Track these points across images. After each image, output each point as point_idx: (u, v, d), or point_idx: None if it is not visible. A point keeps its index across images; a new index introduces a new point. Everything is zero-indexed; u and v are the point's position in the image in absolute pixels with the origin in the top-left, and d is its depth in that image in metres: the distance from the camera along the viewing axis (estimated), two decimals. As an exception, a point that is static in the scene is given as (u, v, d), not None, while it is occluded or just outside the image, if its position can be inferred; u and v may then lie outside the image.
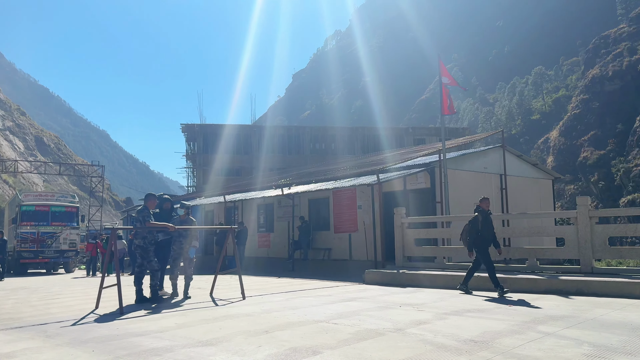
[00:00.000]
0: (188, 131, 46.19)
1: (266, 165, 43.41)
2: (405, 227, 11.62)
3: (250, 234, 19.33)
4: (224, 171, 44.31)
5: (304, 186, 16.82)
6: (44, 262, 22.19)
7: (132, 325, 5.91)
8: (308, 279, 12.36)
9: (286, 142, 46.69)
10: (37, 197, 24.00)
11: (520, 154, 18.03)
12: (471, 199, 13.67)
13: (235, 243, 9.78)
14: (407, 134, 48.29)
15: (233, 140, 45.40)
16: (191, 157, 46.87)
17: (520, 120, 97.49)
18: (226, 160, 44.19)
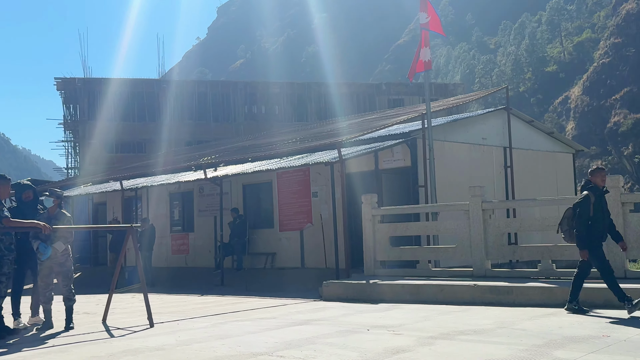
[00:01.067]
0: (66, 89, 44.77)
1: (181, 136, 42.79)
2: (378, 221, 11.78)
3: (159, 236, 19.09)
4: (119, 146, 43.42)
5: (237, 166, 16.71)
6: None
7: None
8: (243, 296, 12.38)
9: (209, 104, 46.13)
10: None
11: (531, 120, 18.57)
12: (465, 180, 14.00)
13: (138, 248, 9.62)
14: (378, 92, 48.79)
15: (132, 101, 44.41)
16: (71, 126, 45.54)
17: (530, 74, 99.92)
18: (122, 130, 43.20)
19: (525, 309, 8.33)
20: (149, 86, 46.19)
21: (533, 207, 14.35)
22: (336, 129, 19.30)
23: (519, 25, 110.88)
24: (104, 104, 43.74)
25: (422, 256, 11.63)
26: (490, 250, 10.36)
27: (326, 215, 15.22)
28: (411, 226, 12.44)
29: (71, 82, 44.62)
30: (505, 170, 16.76)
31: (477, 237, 10.37)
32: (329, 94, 47.70)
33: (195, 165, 18.09)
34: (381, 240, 11.74)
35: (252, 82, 50.67)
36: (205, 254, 18.64)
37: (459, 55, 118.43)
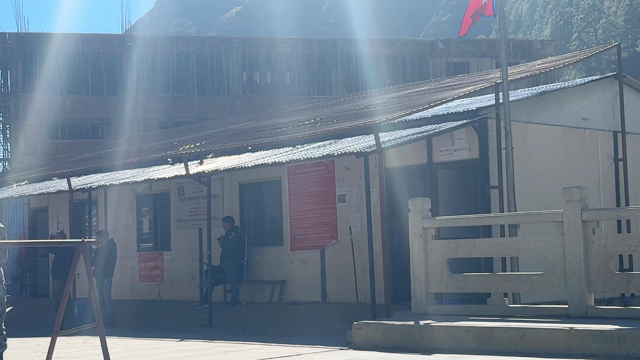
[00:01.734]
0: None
1: (152, 115, 43.05)
2: (432, 237, 11.73)
3: (122, 256, 19.22)
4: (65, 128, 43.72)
5: (232, 158, 16.77)
6: None
7: None
8: (240, 342, 12.39)
9: (192, 71, 46.28)
10: None
11: (653, 92, 18.36)
12: (558, 178, 13.90)
13: (92, 273, 9.68)
14: (434, 53, 48.60)
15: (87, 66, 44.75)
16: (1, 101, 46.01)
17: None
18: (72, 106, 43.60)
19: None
20: (109, 45, 46.40)
21: (656, 218, 14.20)
22: (372, 105, 19.24)
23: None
24: (46, 70, 44.09)
25: (495, 287, 11.55)
26: (593, 279, 10.26)
27: (358, 228, 15.21)
28: (480, 244, 12.33)
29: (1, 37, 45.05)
30: (615, 165, 16.62)
31: (575, 261, 10.27)
32: (362, 55, 47.50)
33: (173, 157, 18.16)
34: (436, 265, 11.68)
35: (253, 39, 50.57)
36: (186, 282, 18.73)
37: (547, 2, 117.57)
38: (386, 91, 24.69)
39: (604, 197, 16.11)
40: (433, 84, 22.53)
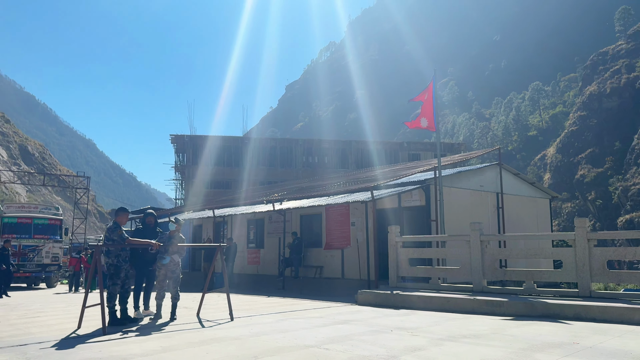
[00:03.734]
0: (177, 142, 46.14)
1: (256, 178, 43.40)
2: (400, 246, 11.60)
3: (239, 250, 19.24)
4: (212, 184, 44.24)
5: (296, 202, 16.79)
6: (25, 277, 21.87)
7: (115, 347, 5.81)
8: (299, 299, 12.28)
9: (277, 155, 46.72)
10: (20, 208, 23.77)
11: (517, 172, 18.15)
12: (467, 217, 13.72)
13: (224, 260, 9.70)
14: (401, 148, 48.54)
15: (223, 152, 45.41)
16: (180, 169, 46.76)
17: (516, 136, 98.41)
18: (215, 172, 44.16)
19: (512, 319, 8.01)
20: (235, 141, 47.15)
21: (519, 240, 13.89)
22: (369, 176, 19.22)
23: (507, 101, 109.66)
24: (203, 154, 44.87)
25: (433, 274, 11.34)
26: (486, 271, 10.05)
27: (361, 240, 15.09)
28: (425, 251, 12.17)
29: (181, 137, 45.97)
30: (497, 211, 16.34)
31: (476, 261, 10.08)
32: (365, 149, 47.71)
33: (267, 200, 18.28)
34: (402, 261, 11.53)
35: (309, 139, 51.07)
36: (271, 265, 18.65)
37: (462, 122, 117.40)
38: (377, 169, 24.66)
39: (491, 228, 15.81)
40: (401, 166, 22.46)
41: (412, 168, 18.03)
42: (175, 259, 8.38)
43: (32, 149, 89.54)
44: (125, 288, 7.83)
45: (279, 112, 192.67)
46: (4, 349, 5.87)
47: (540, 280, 9.84)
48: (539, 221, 17.84)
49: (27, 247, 21.71)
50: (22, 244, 21.65)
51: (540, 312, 8.19)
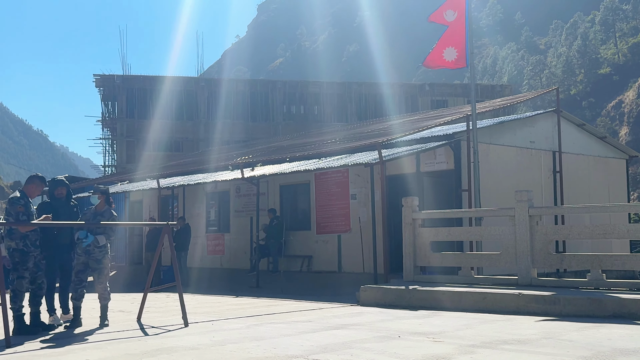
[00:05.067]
0: (105, 86, 45.69)
1: (220, 136, 43.25)
2: (418, 225, 11.71)
3: (195, 235, 19.34)
4: (158, 145, 44.05)
5: (274, 166, 16.81)
6: None
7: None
8: (278, 299, 12.43)
9: (248, 103, 46.50)
10: None
11: (582, 123, 18.26)
12: (511, 185, 13.84)
13: (174, 247, 9.76)
14: (422, 93, 48.52)
15: (172, 100, 45.05)
16: (110, 124, 46.45)
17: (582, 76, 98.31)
18: (161, 128, 43.86)
19: (572, 320, 8.18)
20: (189, 84, 46.76)
21: (583, 214, 14.10)
22: (377, 129, 19.25)
23: (570, 25, 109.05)
24: (142, 102, 44.55)
25: (464, 262, 11.50)
26: (536, 258, 10.20)
27: (365, 219, 15.21)
28: (453, 231, 12.30)
29: (110, 79, 45.47)
30: (554, 176, 16.51)
31: (523, 244, 10.22)
32: (371, 94, 47.59)
33: (232, 165, 18.25)
34: (422, 245, 11.66)
35: (291, 82, 50.72)
36: (241, 255, 18.82)
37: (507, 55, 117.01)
38: (387, 120, 24.68)
39: (545, 199, 16.00)
40: (421, 115, 22.50)
41: (436, 118, 18.08)
42: (100, 240, 8.39)
43: None
44: (37, 283, 7.88)
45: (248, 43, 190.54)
46: None
47: (612, 268, 10.02)
48: (611, 189, 18.05)
49: None
50: None
51: (611, 311, 8.36)
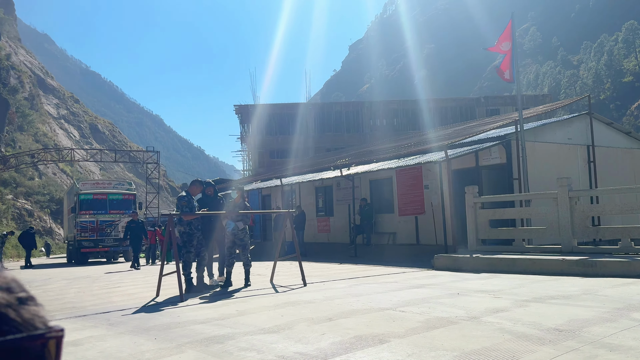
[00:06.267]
0: (241, 112, 47.13)
1: (322, 145, 43.65)
2: (479, 208, 11.34)
3: (308, 219, 19.62)
4: (278, 152, 44.99)
5: (365, 166, 16.78)
6: (104, 251, 23.60)
7: (192, 312, 6.20)
8: (372, 265, 12.40)
9: (343, 120, 46.52)
10: (95, 185, 25.48)
11: (610, 122, 17.03)
12: (553, 174, 13.12)
13: (294, 228, 9.95)
14: (478, 104, 46.74)
15: (287, 119, 45.86)
16: (245, 140, 47.89)
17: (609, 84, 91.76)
18: (281, 141, 44.83)
19: (607, 279, 7.66)
20: (299, 108, 47.40)
21: (614, 195, 13.15)
22: (443, 134, 18.76)
23: (598, 45, 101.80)
24: (267, 123, 45.62)
25: (517, 235, 11.03)
26: (576, 230, 9.63)
27: (435, 203, 14.89)
28: (507, 211, 11.80)
29: (245, 107, 46.89)
30: (588, 165, 15.48)
31: (565, 220, 9.67)
32: (437, 107, 46.36)
33: (334, 166, 18.38)
34: (482, 223, 11.27)
35: (375, 102, 50.28)
36: (342, 233, 18.90)
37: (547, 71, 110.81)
38: (450, 127, 24.01)
39: (582, 184, 15.03)
40: (478, 122, 21.71)
41: (490, 123, 17.40)
42: (239, 225, 8.72)
43: (102, 127, 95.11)
44: (201, 255, 8.28)
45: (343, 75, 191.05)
46: (89, 316, 6.43)
47: (639, 237, 9.30)
48: (636, 175, 16.73)
49: (103, 222, 23.35)
50: (99, 219, 23.30)
51: (639, 272, 7.77)
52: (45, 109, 76.88)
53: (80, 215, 23.08)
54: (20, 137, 59.15)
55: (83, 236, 22.87)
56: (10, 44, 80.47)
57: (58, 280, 12.57)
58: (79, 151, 37.69)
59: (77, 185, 25.03)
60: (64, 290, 9.97)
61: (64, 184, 56.83)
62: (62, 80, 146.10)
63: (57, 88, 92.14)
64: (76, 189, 24.30)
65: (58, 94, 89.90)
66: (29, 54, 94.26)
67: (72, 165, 60.63)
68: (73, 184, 27.38)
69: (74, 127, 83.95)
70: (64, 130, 78.68)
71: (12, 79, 62.95)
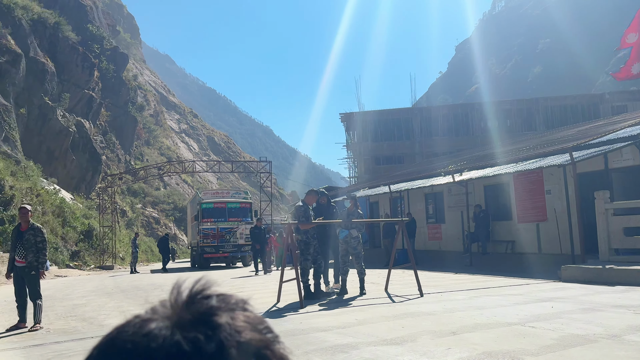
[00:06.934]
0: (347, 120, 47.64)
1: (430, 150, 42.76)
2: (611, 214, 10.43)
3: (419, 226, 19.30)
4: (385, 159, 44.83)
5: (479, 171, 16.16)
6: (223, 257, 25.03)
7: (313, 320, 6.36)
8: (490, 276, 11.89)
9: (452, 123, 45.18)
10: (214, 194, 27.18)
11: None
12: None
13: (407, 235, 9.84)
14: (602, 101, 43.04)
15: (392, 125, 45.54)
16: (351, 147, 48.28)
17: None
18: (387, 147, 44.64)
19: None
20: (405, 113, 46.87)
21: None
22: (565, 136, 17.50)
23: None
24: (373, 130, 45.66)
25: (656, 245, 9.97)
26: None
27: (559, 209, 13.94)
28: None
29: (350, 115, 47.35)
30: None
31: None
32: (555, 106, 43.40)
33: (445, 172, 17.92)
34: (615, 231, 10.34)
35: (485, 102, 48.30)
36: (454, 241, 18.35)
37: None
38: (573, 127, 22.37)
39: None
40: (604, 121, 20.02)
41: (620, 122, 15.96)
42: (353, 233, 8.80)
43: (218, 139, 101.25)
44: (317, 263, 8.49)
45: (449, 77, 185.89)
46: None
47: None
48: None
49: (223, 229, 24.78)
50: (219, 226, 24.77)
51: None
52: (168, 124, 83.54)
53: (203, 222, 24.69)
54: (147, 151, 64.81)
55: (205, 242, 24.44)
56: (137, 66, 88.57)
57: (186, 284, 13.52)
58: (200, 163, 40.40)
59: (199, 195, 26.85)
60: (192, 294, 10.70)
61: (186, 194, 61.25)
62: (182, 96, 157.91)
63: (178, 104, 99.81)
64: (198, 198, 26.06)
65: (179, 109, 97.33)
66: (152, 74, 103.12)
67: (192, 176, 65.14)
68: (195, 194, 29.40)
69: (193, 140, 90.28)
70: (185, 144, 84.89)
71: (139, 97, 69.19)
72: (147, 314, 0.54)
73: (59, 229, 28.52)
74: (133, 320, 0.53)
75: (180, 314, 0.53)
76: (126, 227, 43.45)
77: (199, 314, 0.53)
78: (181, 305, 0.54)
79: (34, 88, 36.88)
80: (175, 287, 0.56)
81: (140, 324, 0.52)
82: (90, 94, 45.22)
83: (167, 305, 0.54)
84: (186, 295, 0.55)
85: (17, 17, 37.75)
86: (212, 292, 0.57)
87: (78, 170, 40.88)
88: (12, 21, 37.03)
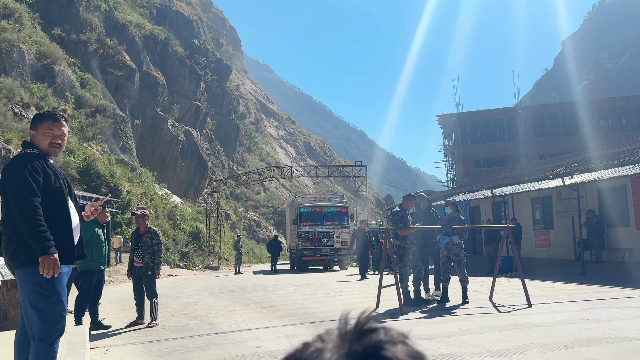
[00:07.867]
0: (444, 122, 46.45)
1: (534, 151, 40.50)
2: None
3: (524, 232, 18.36)
4: (485, 161, 43.12)
5: (591, 174, 15.08)
6: (321, 260, 25.45)
7: (415, 327, 6.29)
8: (605, 286, 11.01)
9: (559, 122, 42.44)
10: (312, 199, 27.74)
11: None
12: None
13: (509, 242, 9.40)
14: None
15: (494, 126, 43.67)
16: (449, 150, 46.97)
17: None
18: (487, 149, 42.93)
19: None
20: (507, 113, 44.76)
21: None
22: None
23: None
24: (473, 131, 44.13)
25: None
26: None
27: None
28: None
29: (448, 117, 46.12)
30: None
31: None
32: None
33: (553, 175, 16.92)
34: None
35: (597, 100, 44.79)
36: (565, 248, 17.21)
37: None
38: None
39: None
40: None
41: None
42: (455, 240, 8.56)
43: (314, 144, 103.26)
44: (417, 270, 8.38)
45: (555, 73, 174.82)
46: (319, 323, 6.98)
47: None
48: None
49: (320, 233, 25.21)
50: (316, 230, 25.24)
51: None
52: (268, 131, 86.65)
53: (301, 226, 25.30)
54: (248, 156, 67.66)
55: (304, 245, 25.01)
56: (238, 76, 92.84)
57: (287, 286, 13.94)
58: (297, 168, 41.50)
59: (297, 199, 27.55)
60: (294, 296, 11.01)
61: (284, 198, 63.11)
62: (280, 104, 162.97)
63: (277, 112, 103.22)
64: (297, 202, 26.74)
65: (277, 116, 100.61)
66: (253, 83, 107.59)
67: (290, 180, 66.98)
68: (294, 198, 30.19)
69: (291, 146, 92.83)
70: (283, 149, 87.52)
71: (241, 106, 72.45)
72: (317, 343, 0.59)
73: (170, 231, 30.66)
74: (305, 348, 0.59)
75: (352, 346, 0.58)
76: (230, 230, 45.63)
77: (369, 347, 0.58)
78: (351, 336, 0.59)
79: (147, 100, 40.01)
80: (343, 318, 0.62)
81: (316, 352, 0.58)
82: (197, 104, 48.15)
83: (336, 335, 0.60)
84: (354, 327, 0.60)
85: (131, 35, 41.15)
86: (377, 325, 0.61)
87: (187, 176, 43.69)
88: (126, 38, 40.45)
